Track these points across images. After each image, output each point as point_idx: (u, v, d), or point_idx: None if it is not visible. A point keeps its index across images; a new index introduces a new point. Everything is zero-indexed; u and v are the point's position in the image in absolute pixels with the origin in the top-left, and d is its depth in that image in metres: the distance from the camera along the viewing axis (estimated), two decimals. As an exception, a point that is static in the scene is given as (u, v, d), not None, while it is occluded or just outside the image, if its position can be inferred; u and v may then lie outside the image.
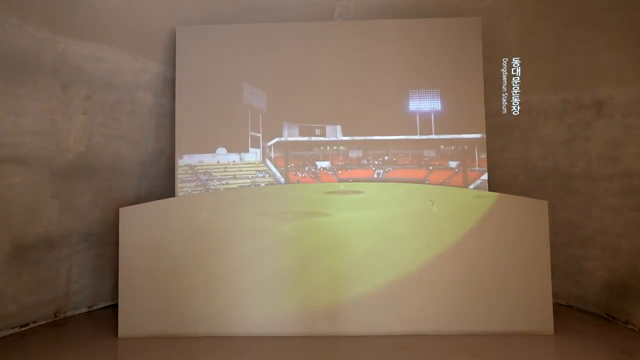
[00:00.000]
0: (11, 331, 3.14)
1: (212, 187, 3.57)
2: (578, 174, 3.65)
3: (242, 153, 3.40)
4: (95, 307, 3.75)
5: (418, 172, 3.39)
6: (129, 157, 3.86)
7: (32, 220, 3.23)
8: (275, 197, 2.94)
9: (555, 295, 3.27)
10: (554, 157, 3.82)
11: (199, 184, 3.40)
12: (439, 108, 3.64)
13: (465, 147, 3.43)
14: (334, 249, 2.77)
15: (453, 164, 3.36)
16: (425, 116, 3.54)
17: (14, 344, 2.98)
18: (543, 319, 3.06)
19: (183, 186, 3.38)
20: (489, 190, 3.59)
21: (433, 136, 3.41)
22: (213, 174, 3.36)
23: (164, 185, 4.10)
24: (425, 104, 3.53)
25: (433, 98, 3.56)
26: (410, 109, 3.54)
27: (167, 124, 4.05)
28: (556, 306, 3.23)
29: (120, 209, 3.22)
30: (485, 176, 3.42)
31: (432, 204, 2.79)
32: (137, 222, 3.21)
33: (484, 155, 3.38)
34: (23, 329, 3.22)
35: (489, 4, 3.96)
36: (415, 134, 3.43)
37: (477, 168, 3.36)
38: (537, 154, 3.92)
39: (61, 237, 3.44)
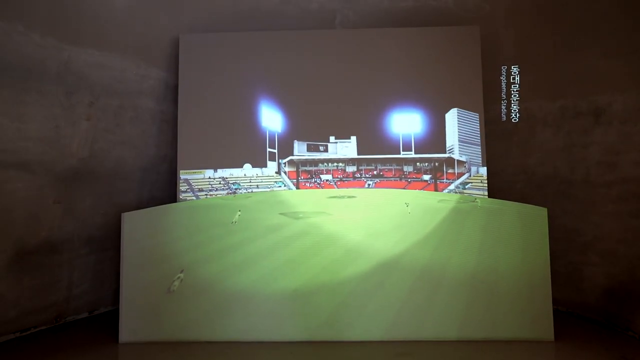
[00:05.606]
0: (12, 336, 3.14)
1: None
2: (577, 180, 3.67)
3: (263, 168, 4.04)
4: (96, 312, 3.75)
5: (399, 183, 4.03)
6: (131, 162, 3.89)
7: (34, 225, 3.26)
8: (289, 200, 3.52)
9: (555, 301, 3.26)
10: (553, 163, 3.84)
11: (230, 192, 3.98)
12: (433, 121, 4.00)
13: (436, 164, 3.98)
14: (335, 240, 3.30)
15: (426, 177, 4.00)
16: (416, 135, 4.08)
17: (14, 349, 2.98)
18: (543, 326, 3.07)
19: (217, 194, 3.96)
20: (488, 197, 3.77)
21: (412, 155, 4.01)
22: (241, 184, 3.98)
23: (165, 190, 4.13)
24: (410, 125, 4.05)
25: (416, 121, 4.06)
26: (397, 130, 4.03)
27: (169, 130, 4.09)
28: (556, 313, 3.22)
29: (123, 214, 3.23)
30: (452, 186, 3.94)
31: (407, 206, 3.39)
32: (139, 227, 3.23)
33: (451, 170, 3.95)
34: (23, 333, 3.21)
35: (487, 12, 4.02)
36: (398, 153, 4.04)
37: (445, 180, 3.97)
38: (536, 160, 3.94)
39: (63, 241, 3.45)
